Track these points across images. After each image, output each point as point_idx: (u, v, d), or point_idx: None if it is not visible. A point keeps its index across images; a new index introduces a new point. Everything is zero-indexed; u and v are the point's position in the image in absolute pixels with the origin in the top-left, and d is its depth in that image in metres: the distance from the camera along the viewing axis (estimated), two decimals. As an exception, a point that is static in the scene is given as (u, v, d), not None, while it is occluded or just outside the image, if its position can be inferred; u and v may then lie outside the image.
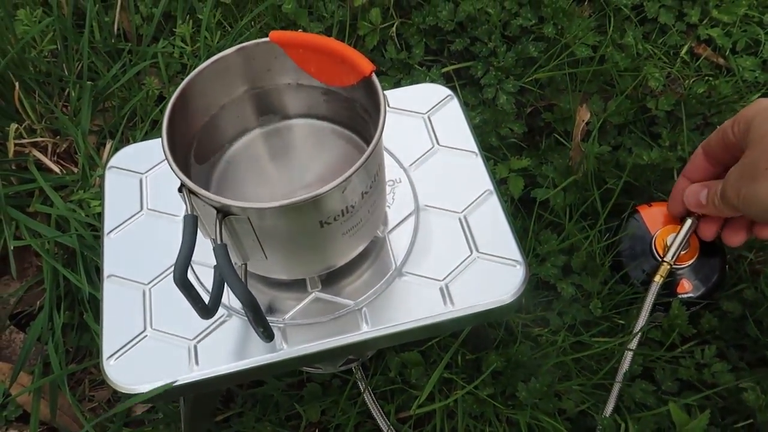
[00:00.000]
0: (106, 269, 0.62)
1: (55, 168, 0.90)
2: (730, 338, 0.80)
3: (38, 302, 0.88)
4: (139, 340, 0.57)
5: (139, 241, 0.64)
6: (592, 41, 0.97)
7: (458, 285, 0.58)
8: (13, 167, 0.88)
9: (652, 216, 0.84)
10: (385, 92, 0.70)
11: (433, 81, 0.97)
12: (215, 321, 0.58)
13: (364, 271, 0.60)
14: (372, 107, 0.53)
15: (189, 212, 0.48)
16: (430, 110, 0.70)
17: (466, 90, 1.00)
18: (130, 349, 0.57)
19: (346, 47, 0.52)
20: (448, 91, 0.71)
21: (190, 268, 0.60)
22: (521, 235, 0.85)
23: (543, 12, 0.98)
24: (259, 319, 0.48)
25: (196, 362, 0.56)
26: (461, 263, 0.59)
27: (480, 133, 0.94)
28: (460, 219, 0.62)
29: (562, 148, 0.94)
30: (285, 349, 0.56)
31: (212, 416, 0.78)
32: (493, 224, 0.62)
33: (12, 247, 0.83)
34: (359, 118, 0.58)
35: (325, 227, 0.50)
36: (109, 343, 0.58)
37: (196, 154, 0.55)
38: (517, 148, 0.96)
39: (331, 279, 0.59)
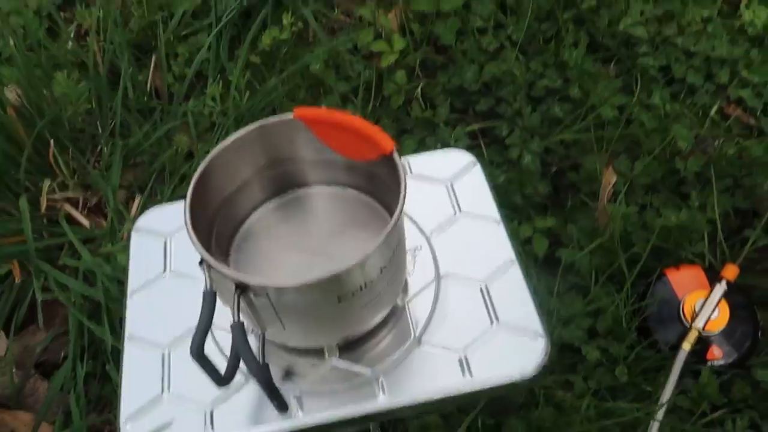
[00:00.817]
0: (128, 330, 0.63)
1: (85, 222, 0.92)
2: (763, 408, 0.77)
3: (62, 352, 0.89)
4: (157, 404, 0.57)
5: (161, 303, 0.64)
6: (618, 102, 0.97)
7: (478, 356, 0.57)
8: (45, 221, 0.90)
9: (680, 279, 0.82)
10: (409, 158, 0.72)
11: (457, 140, 0.98)
12: (232, 386, 0.57)
13: (383, 338, 0.60)
14: (393, 182, 0.53)
15: (208, 287, 0.48)
16: (453, 176, 0.70)
17: (491, 149, 1.00)
18: (147, 413, 0.57)
19: (368, 125, 0.53)
20: (472, 157, 0.71)
21: (210, 333, 0.60)
22: (545, 296, 0.84)
23: (568, 73, 0.98)
24: (273, 395, 0.48)
25: (212, 427, 0.55)
26: (481, 334, 0.58)
27: (504, 192, 0.94)
28: (481, 288, 0.62)
29: (587, 208, 0.93)
30: (300, 418, 0.55)
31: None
32: (515, 294, 0.61)
33: (40, 300, 0.85)
34: (380, 187, 0.58)
35: (343, 302, 0.50)
36: (127, 405, 0.58)
37: (218, 224, 0.55)
38: (541, 207, 0.96)
39: (349, 345, 0.59)
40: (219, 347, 0.60)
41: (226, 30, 1.07)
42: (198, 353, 0.46)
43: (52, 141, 0.89)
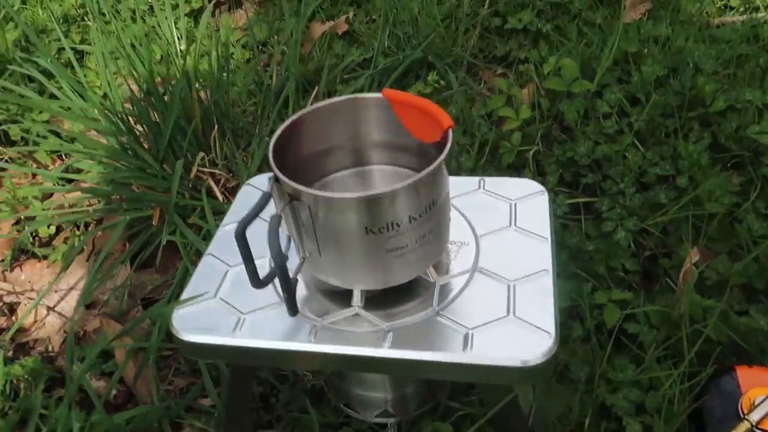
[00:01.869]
0: (210, 249, 0.75)
1: (220, 197, 1.09)
2: None
3: (165, 293, 1.04)
4: (205, 302, 0.68)
5: (241, 238, 0.76)
6: (728, 201, 0.95)
7: (483, 336, 0.60)
8: (190, 186, 1.09)
9: (749, 377, 0.77)
10: (486, 179, 0.79)
11: (559, 207, 1.02)
12: (267, 304, 0.66)
13: (409, 308, 0.65)
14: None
15: (268, 190, 0.59)
16: (518, 198, 0.76)
17: (589, 222, 1.02)
18: (195, 305, 0.67)
19: (434, 105, 0.62)
20: (541, 188, 0.77)
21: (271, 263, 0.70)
22: (600, 357, 0.83)
23: (680, 164, 0.99)
24: (286, 286, 0.56)
25: (240, 329, 0.64)
26: (494, 320, 0.62)
27: (589, 258, 0.96)
28: (508, 286, 0.65)
29: (671, 292, 0.91)
30: (311, 344, 0.62)
31: (249, 410, 0.83)
32: (539, 298, 0.63)
33: (164, 242, 1.01)
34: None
35: (370, 236, 0.58)
36: (184, 297, 0.68)
37: (298, 177, 0.66)
38: (624, 284, 0.95)
39: (376, 303, 0.65)
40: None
41: (382, 80, 1.25)
42: (240, 234, 0.56)
43: (216, 126, 1.10)
